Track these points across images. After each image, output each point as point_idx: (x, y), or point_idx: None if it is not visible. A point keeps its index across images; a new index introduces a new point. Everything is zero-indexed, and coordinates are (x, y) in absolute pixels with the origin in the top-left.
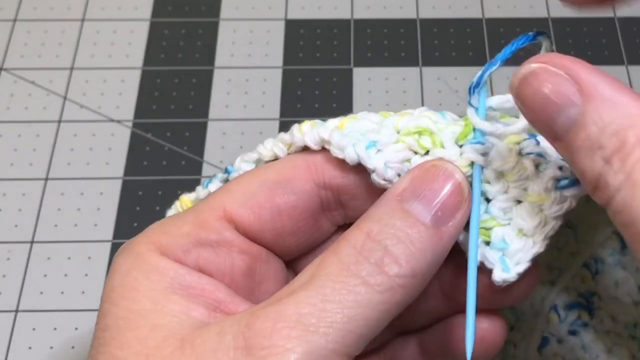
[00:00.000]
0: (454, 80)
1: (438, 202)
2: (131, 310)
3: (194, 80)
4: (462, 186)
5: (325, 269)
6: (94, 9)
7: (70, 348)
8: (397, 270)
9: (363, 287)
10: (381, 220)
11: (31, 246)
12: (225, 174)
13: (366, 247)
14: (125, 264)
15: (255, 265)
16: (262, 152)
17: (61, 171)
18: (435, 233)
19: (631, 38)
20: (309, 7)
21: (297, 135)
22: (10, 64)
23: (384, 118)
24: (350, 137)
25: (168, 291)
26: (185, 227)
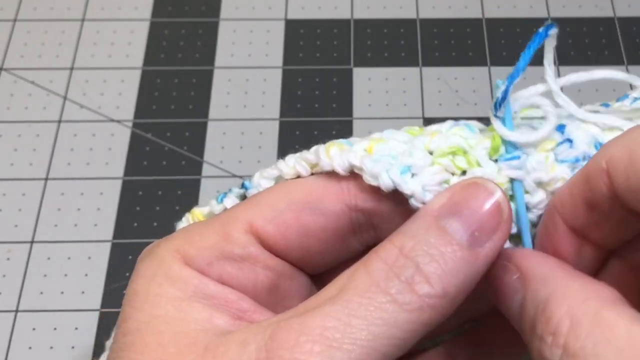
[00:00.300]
0: (454, 80)
1: (476, 222)
2: (154, 315)
3: (194, 80)
4: (502, 206)
5: (354, 282)
6: (94, 9)
7: (70, 348)
8: (428, 289)
9: (391, 304)
10: (415, 236)
11: (31, 246)
12: (242, 189)
13: (398, 263)
14: (149, 268)
15: (279, 282)
16: (283, 169)
17: (61, 171)
18: (471, 254)
19: (631, 38)
20: (309, 7)
21: (324, 160)
22: (10, 64)
23: (412, 136)
24: (382, 163)
25: (192, 299)
26: (210, 238)
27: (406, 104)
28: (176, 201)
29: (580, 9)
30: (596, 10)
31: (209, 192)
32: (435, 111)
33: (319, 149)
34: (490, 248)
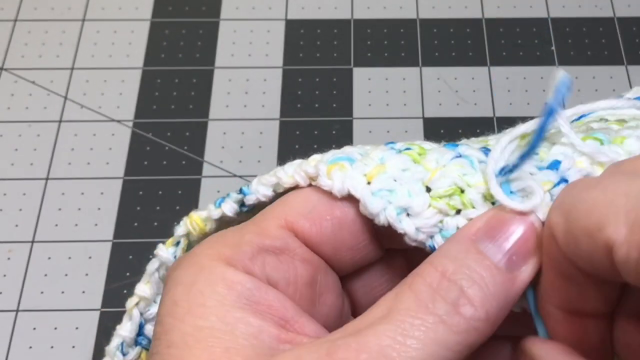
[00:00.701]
0: (454, 80)
1: (513, 246)
2: (199, 327)
3: (194, 80)
4: (537, 232)
5: (403, 303)
6: (94, 9)
7: (70, 347)
8: (473, 312)
9: (441, 325)
10: (456, 259)
11: (32, 246)
12: (240, 195)
13: (442, 286)
14: (187, 276)
15: (317, 276)
16: (282, 177)
17: (62, 171)
18: (509, 278)
19: (631, 38)
20: (309, 7)
21: (324, 180)
22: (10, 64)
23: (412, 162)
24: (380, 201)
25: (236, 308)
26: (247, 236)
27: (406, 104)
28: (176, 201)
29: (580, 9)
30: (596, 10)
31: (209, 192)
32: (435, 111)
33: (319, 165)
34: (527, 272)
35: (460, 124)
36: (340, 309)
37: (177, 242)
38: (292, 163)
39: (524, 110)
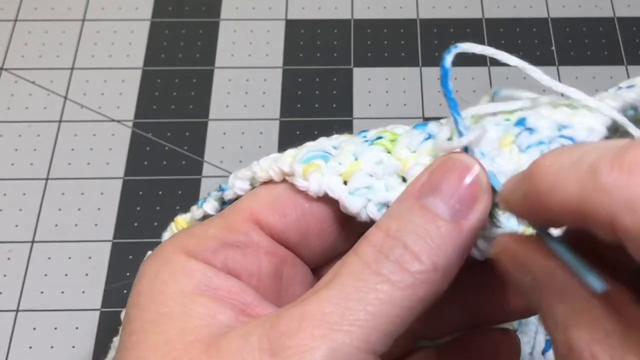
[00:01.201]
0: (454, 80)
1: (455, 195)
2: (160, 313)
3: (194, 80)
4: (479, 177)
5: (347, 268)
6: (94, 9)
7: (70, 347)
8: (418, 266)
9: (385, 284)
10: (399, 217)
11: (32, 246)
12: (220, 192)
13: (386, 245)
14: (152, 268)
15: (282, 268)
16: (256, 171)
17: (62, 171)
18: (455, 227)
19: (631, 38)
20: (309, 7)
21: (300, 181)
22: (10, 64)
23: (384, 152)
24: (359, 200)
25: (195, 293)
26: (212, 229)
27: (406, 104)
28: (176, 201)
29: (580, 9)
30: (596, 10)
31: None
32: (435, 111)
33: (294, 165)
34: (473, 219)
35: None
36: None
37: None
38: (267, 157)
39: None
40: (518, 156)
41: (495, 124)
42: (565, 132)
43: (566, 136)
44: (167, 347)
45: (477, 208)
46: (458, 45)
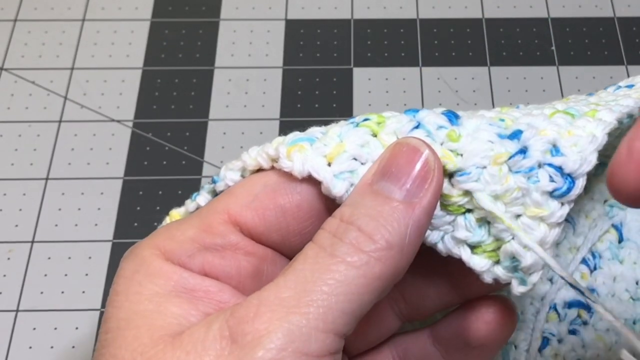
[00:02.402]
0: (454, 80)
1: (405, 177)
2: (134, 311)
3: (194, 80)
4: (428, 158)
5: (303, 254)
6: (94, 9)
7: (70, 348)
8: (371, 245)
9: (341, 265)
10: (353, 204)
11: (32, 246)
12: (212, 184)
13: (340, 229)
14: (129, 268)
15: (262, 266)
16: (246, 160)
17: (62, 171)
18: (408, 206)
19: (631, 38)
20: (309, 7)
21: (284, 162)
22: (10, 64)
23: (370, 134)
24: (343, 183)
25: (172, 295)
26: (190, 231)
27: (406, 104)
28: (176, 201)
29: (580, 9)
30: (596, 10)
31: None
32: None
33: (279, 147)
34: (426, 197)
35: None
36: None
37: None
38: (255, 147)
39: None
40: (507, 177)
41: (489, 123)
42: (555, 161)
43: (555, 165)
44: (136, 342)
45: (429, 187)
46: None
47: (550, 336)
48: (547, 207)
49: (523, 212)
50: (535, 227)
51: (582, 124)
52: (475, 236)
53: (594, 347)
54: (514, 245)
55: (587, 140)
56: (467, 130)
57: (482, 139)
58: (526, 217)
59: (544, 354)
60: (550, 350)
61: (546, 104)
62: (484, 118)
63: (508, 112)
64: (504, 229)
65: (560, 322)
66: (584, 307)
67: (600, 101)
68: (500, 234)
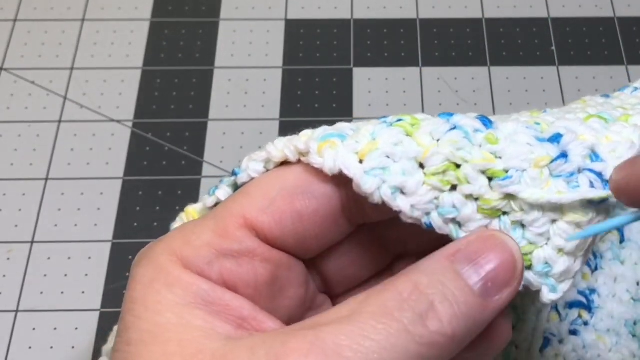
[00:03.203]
0: (454, 80)
1: (490, 273)
2: (156, 324)
3: (194, 80)
4: (516, 263)
5: (369, 307)
6: (94, 9)
7: (70, 348)
8: (440, 327)
9: (404, 333)
10: (431, 274)
11: (31, 246)
12: (233, 177)
13: (412, 296)
14: (146, 274)
15: (278, 273)
16: (272, 152)
17: (61, 171)
18: (481, 303)
19: (631, 38)
20: (309, 7)
21: (315, 158)
22: (10, 64)
23: (404, 135)
24: (374, 180)
25: (192, 307)
26: (206, 235)
27: (406, 104)
28: (176, 201)
29: (580, 9)
30: (596, 10)
31: None
32: (435, 111)
33: (310, 142)
34: (499, 301)
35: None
36: (303, 297)
37: None
38: (282, 138)
39: (524, 110)
40: (548, 181)
41: (526, 126)
42: (596, 167)
43: (596, 171)
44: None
45: (507, 292)
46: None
47: (551, 336)
48: (584, 213)
49: (560, 218)
50: (571, 234)
51: (619, 130)
52: None
53: (594, 348)
54: (547, 251)
55: (626, 147)
56: (504, 134)
57: (521, 142)
58: (563, 222)
59: (545, 354)
60: (551, 350)
61: (571, 105)
62: (519, 122)
63: (540, 116)
64: (539, 233)
65: (561, 323)
66: (585, 308)
67: (624, 104)
68: (534, 238)
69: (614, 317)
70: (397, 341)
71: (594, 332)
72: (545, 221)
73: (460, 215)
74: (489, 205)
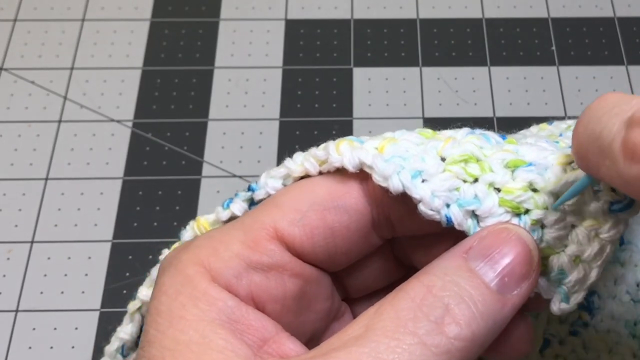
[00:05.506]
0: (454, 80)
1: (506, 267)
2: (178, 342)
3: (194, 80)
4: (532, 254)
5: (381, 322)
6: (94, 9)
7: (70, 348)
8: (458, 331)
9: (419, 347)
10: (445, 275)
11: (31, 246)
12: (249, 192)
13: (426, 302)
14: (172, 285)
15: (306, 288)
16: (291, 167)
17: (61, 171)
18: (499, 299)
19: (631, 38)
20: (309, 7)
21: (334, 156)
22: (10, 64)
23: (424, 138)
24: (393, 165)
25: (215, 324)
26: (235, 246)
27: (406, 104)
28: (176, 201)
29: (580, 9)
30: (596, 10)
31: (208, 192)
32: (435, 111)
33: (328, 145)
34: (518, 296)
35: (460, 125)
36: (328, 310)
37: None
38: (300, 152)
39: (524, 110)
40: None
41: (546, 140)
42: None
43: None
44: None
45: (525, 285)
46: None
47: (552, 337)
48: (603, 220)
49: (579, 224)
50: (590, 241)
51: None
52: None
53: (594, 349)
54: (564, 257)
55: None
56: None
57: (543, 147)
58: (582, 228)
59: (545, 354)
60: (552, 351)
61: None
62: (539, 136)
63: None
64: (557, 237)
65: (562, 324)
66: (585, 309)
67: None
68: (553, 241)
69: (614, 317)
70: (412, 357)
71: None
72: (566, 224)
73: (482, 207)
74: (511, 196)
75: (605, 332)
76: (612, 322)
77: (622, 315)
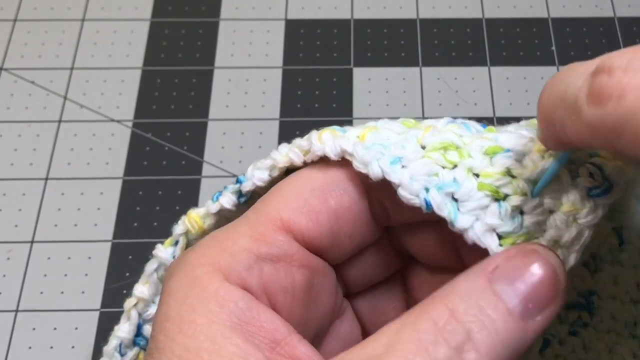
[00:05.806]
0: (454, 80)
1: (531, 292)
2: (188, 348)
3: (194, 80)
4: (559, 279)
5: (403, 343)
6: (94, 9)
7: (70, 348)
8: (476, 358)
9: None
10: (468, 298)
11: (31, 246)
12: (237, 184)
13: (448, 327)
14: (180, 289)
15: (313, 279)
16: (276, 157)
17: (61, 171)
18: (522, 326)
19: (631, 38)
20: (309, 7)
21: (316, 144)
22: (10, 64)
23: (406, 128)
24: (373, 152)
25: (226, 327)
26: (243, 241)
27: (406, 104)
28: (176, 201)
29: (580, 9)
30: (596, 10)
31: (209, 192)
32: (435, 111)
33: (311, 134)
34: (541, 321)
35: None
36: (333, 306)
37: (176, 242)
38: (285, 144)
39: (524, 111)
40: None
41: (526, 128)
42: (596, 161)
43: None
44: None
45: (548, 311)
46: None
47: (551, 337)
48: (583, 205)
49: (558, 209)
50: (568, 226)
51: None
52: (506, 225)
53: (594, 349)
54: (542, 242)
55: None
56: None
57: (523, 135)
58: (560, 213)
59: (545, 355)
60: (551, 351)
61: None
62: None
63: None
64: (536, 222)
65: (561, 324)
66: (585, 309)
67: None
68: (532, 226)
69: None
70: None
71: (595, 333)
72: (544, 209)
73: (461, 190)
74: (490, 179)
75: (605, 332)
76: (612, 322)
77: (622, 315)
